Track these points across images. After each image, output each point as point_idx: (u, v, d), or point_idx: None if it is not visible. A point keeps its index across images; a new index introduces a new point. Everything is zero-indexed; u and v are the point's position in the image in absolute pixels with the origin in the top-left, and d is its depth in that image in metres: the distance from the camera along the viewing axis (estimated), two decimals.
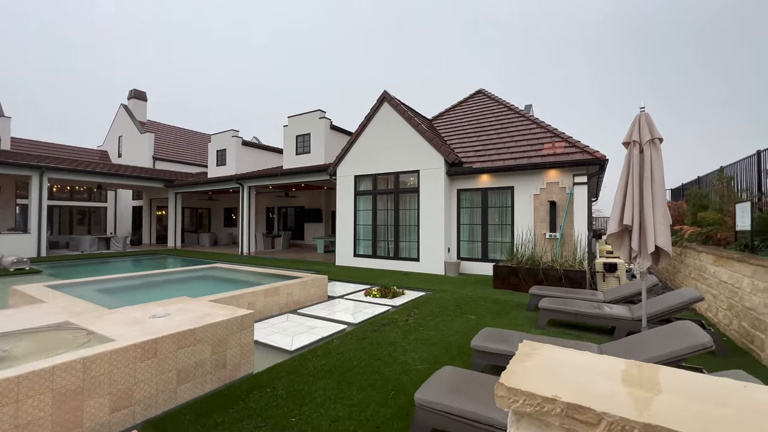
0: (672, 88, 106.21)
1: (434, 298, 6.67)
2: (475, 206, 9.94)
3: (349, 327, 5.00)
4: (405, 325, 4.98)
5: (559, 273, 6.96)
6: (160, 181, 18.27)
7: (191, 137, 26.66)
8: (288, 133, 15.65)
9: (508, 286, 7.51)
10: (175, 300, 4.00)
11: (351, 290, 7.50)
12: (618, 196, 3.70)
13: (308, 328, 4.85)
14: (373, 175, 11.02)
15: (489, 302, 6.39)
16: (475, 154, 10.38)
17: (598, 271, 7.33)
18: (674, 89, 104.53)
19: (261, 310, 5.44)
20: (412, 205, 10.39)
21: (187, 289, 6.80)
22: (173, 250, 17.40)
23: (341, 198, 11.72)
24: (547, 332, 4.72)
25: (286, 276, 7.06)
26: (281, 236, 18.24)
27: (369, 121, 11.12)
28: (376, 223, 10.99)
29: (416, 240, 10.21)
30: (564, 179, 8.71)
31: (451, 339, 4.43)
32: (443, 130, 12.59)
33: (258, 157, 18.50)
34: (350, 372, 3.44)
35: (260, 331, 4.65)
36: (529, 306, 5.89)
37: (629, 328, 4.29)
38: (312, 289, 6.47)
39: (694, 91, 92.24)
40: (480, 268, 9.70)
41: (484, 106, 13.18)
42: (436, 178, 9.84)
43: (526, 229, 9.05)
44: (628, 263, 3.75)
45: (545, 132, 10.03)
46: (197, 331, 3.01)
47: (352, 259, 11.34)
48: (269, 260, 12.90)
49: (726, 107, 73.03)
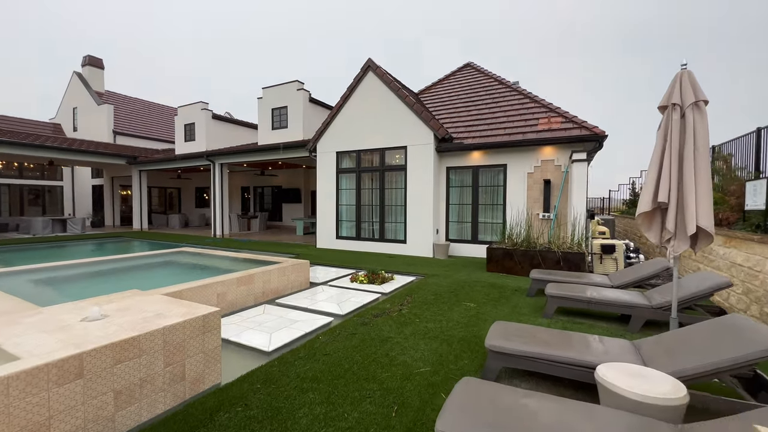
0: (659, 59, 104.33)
1: (427, 284, 6.15)
2: (466, 185, 9.41)
3: (336, 319, 4.40)
4: (399, 316, 4.42)
5: (557, 255, 6.57)
6: (122, 157, 16.73)
7: (157, 111, 24.64)
8: (263, 105, 14.44)
9: (503, 269, 7.09)
10: (120, 295, 3.25)
11: (335, 275, 6.88)
12: (652, 170, 3.19)
13: (289, 321, 4.21)
14: (357, 152, 10.24)
15: (486, 287, 5.93)
16: (466, 129, 9.77)
17: (595, 253, 7.01)
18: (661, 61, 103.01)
19: (233, 302, 4.74)
20: (398, 183, 9.74)
21: (146, 278, 5.97)
22: (139, 232, 16.14)
23: (322, 176, 10.91)
24: (556, 321, 4.29)
25: (263, 261, 6.34)
26: (258, 217, 17.27)
27: (352, 92, 10.23)
28: (360, 203, 10.30)
29: (403, 221, 9.63)
30: (560, 157, 8.27)
31: (453, 332, 3.91)
32: (430, 105, 11.86)
33: (231, 132, 17.17)
34: (341, 379, 2.85)
35: (231, 328, 3.97)
36: (530, 291, 5.46)
37: (647, 317, 3.90)
38: (292, 275, 5.80)
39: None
40: (470, 250, 9.27)
41: (474, 79, 12.49)
42: (425, 154, 9.19)
43: (518, 210, 8.63)
44: (659, 246, 3.29)
45: (540, 107, 9.50)
46: (142, 339, 2.31)
47: (335, 242, 10.67)
48: (244, 243, 12.04)
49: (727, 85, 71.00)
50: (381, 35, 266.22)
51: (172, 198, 22.62)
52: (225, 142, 16.57)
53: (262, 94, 14.45)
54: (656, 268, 4.72)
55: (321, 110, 14.20)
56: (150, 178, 19.83)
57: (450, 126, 10.19)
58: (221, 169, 14.39)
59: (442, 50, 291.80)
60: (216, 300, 4.51)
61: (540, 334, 2.93)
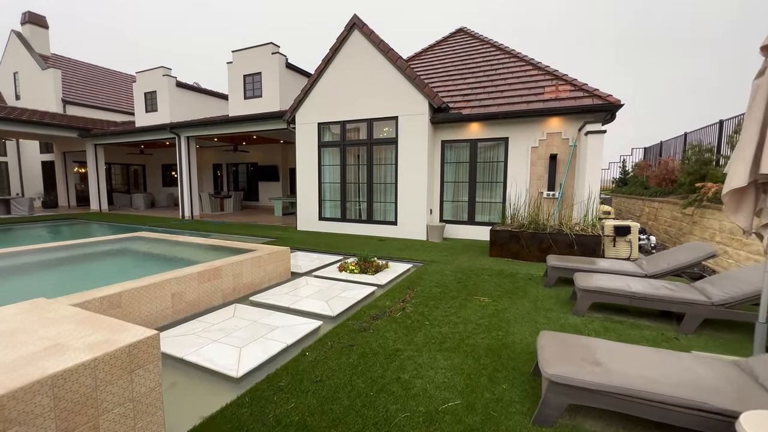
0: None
1: (428, 273, 5.35)
2: (462, 161, 8.56)
3: (326, 323, 3.54)
4: (404, 318, 3.60)
5: (570, 238, 5.89)
6: (73, 129, 14.81)
7: (114, 78, 22.21)
8: (233, 72, 12.89)
9: (508, 254, 6.38)
10: (13, 310, 2.22)
11: (320, 264, 5.97)
12: (750, 130, 2.40)
13: (265, 328, 3.31)
14: (341, 123, 9.14)
15: (495, 276, 5.20)
16: (463, 99, 8.82)
17: (607, 235, 6.39)
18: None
19: (194, 302, 3.78)
20: (388, 159, 8.77)
21: (85, 273, 4.85)
22: (97, 214, 14.53)
23: (302, 151, 9.77)
24: (592, 320, 3.58)
25: (235, 249, 5.35)
26: (231, 197, 15.93)
27: (335, 53, 9.01)
28: (345, 180, 9.30)
29: (394, 200, 8.73)
30: (568, 129, 7.50)
31: (474, 339, 3.13)
32: (422, 73, 10.78)
33: (198, 102, 15.49)
34: (341, 425, 2.00)
35: (189, 340, 3.04)
36: (548, 281, 4.75)
37: (705, 316, 3.24)
38: (270, 265, 4.85)
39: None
40: (467, 232, 8.54)
41: (469, 45, 11.43)
42: (419, 126, 8.22)
43: (521, 188, 7.89)
44: (749, 233, 2.56)
45: (544, 74, 8.64)
46: (11, 399, 1.36)
47: (317, 223, 9.70)
48: (216, 225, 10.87)
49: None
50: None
51: (138, 176, 20.74)
52: (192, 114, 14.93)
53: (232, 58, 12.88)
54: (697, 255, 4.07)
55: (300, 78, 12.83)
56: (109, 153, 17.92)
57: (445, 95, 9.21)
58: (188, 143, 12.90)
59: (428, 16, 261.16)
60: (171, 302, 3.54)
61: (617, 354, 2.16)
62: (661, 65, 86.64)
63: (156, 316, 3.41)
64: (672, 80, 79.51)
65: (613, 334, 3.29)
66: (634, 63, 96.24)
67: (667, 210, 8.09)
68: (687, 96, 74.58)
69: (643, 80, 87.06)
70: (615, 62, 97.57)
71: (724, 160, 7.04)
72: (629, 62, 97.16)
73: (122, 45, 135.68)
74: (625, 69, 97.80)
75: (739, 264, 4.93)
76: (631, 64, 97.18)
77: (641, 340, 3.16)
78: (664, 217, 8.17)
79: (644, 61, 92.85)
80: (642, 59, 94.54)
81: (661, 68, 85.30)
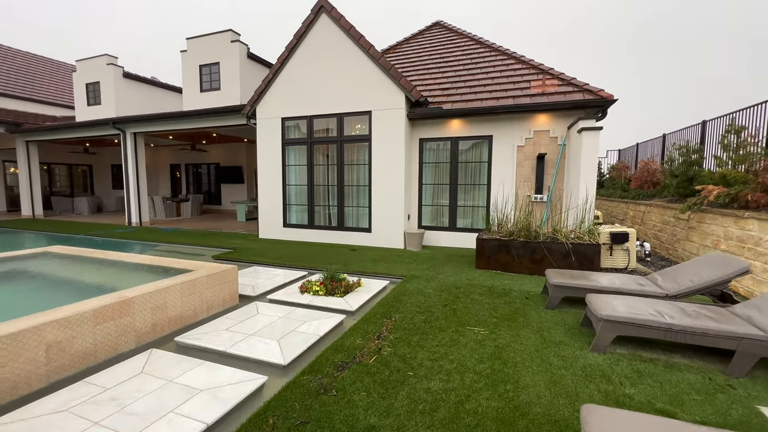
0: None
1: (408, 292, 4.48)
2: (442, 161, 7.78)
3: (274, 377, 2.58)
4: (379, 365, 2.70)
5: (566, 247, 5.22)
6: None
7: (56, 69, 19.98)
8: (188, 61, 11.54)
9: (497, 266, 5.63)
10: None
11: (279, 282, 4.97)
12: None
13: (183, 394, 2.30)
14: (308, 118, 8.14)
15: (486, 295, 4.40)
16: (443, 93, 8.06)
17: (603, 243, 5.78)
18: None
19: (86, 353, 2.70)
20: (361, 158, 7.86)
21: None
22: (28, 220, 12.66)
23: (264, 149, 8.68)
24: (617, 359, 2.83)
25: (170, 268, 4.25)
26: (189, 200, 14.45)
27: (300, 40, 8.01)
28: (313, 182, 8.29)
29: (367, 205, 7.83)
30: (556, 127, 6.90)
31: (478, 402, 2.28)
32: (397, 66, 9.96)
33: (150, 96, 13.93)
34: None
35: (47, 426, 1.98)
36: (550, 302, 4.00)
37: (762, 354, 2.56)
38: (209, 290, 3.81)
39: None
40: (448, 239, 7.76)
41: (446, 39, 10.73)
42: (394, 122, 7.37)
43: (507, 191, 7.21)
44: None
45: (529, 68, 8.03)
46: None
47: (282, 231, 8.62)
48: (165, 233, 9.53)
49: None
50: None
51: (84, 177, 18.65)
52: (142, 109, 13.37)
53: (187, 46, 11.55)
54: (726, 271, 3.44)
55: (264, 70, 11.68)
56: (48, 152, 15.94)
57: (423, 89, 8.42)
58: (134, 140, 11.40)
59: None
60: (45, 357, 2.46)
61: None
62: (637, 66, 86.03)
63: (14, 382, 2.32)
64: (648, 81, 78.36)
65: (650, 381, 2.55)
66: (607, 61, 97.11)
67: (655, 213, 7.67)
68: (658, 99, 72.91)
69: (613, 81, 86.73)
70: (593, 60, 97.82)
71: (717, 161, 6.65)
72: (604, 60, 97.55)
73: (78, 35, 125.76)
74: (600, 68, 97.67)
75: (757, 277, 4.39)
76: (605, 62, 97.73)
77: (688, 390, 2.43)
78: (653, 221, 7.75)
79: (619, 61, 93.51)
80: (616, 59, 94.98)
81: (635, 69, 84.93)
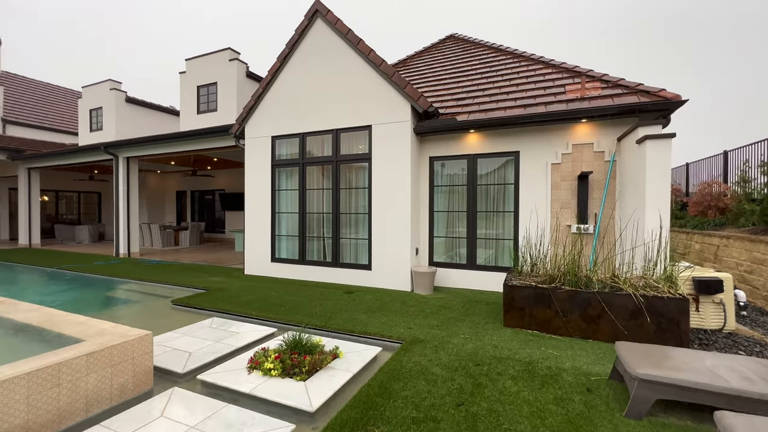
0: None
1: (404, 374, 3.01)
2: (458, 183, 6.42)
3: None
4: None
5: (635, 301, 3.64)
6: (2, 151, 12.60)
7: (64, 96, 20.31)
8: (186, 83, 10.96)
9: (533, 324, 4.09)
10: None
11: (230, 347, 3.61)
12: None
13: None
14: (300, 135, 7.04)
15: (522, 379, 2.88)
16: (458, 103, 6.82)
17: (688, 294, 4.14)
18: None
19: None
20: (360, 181, 6.61)
21: None
22: (20, 250, 12.02)
23: (252, 172, 7.60)
24: None
25: (59, 334, 2.99)
26: (188, 229, 13.56)
27: (293, 49, 7.06)
28: (304, 209, 7.07)
29: (367, 236, 6.48)
30: (602, 139, 5.45)
31: None
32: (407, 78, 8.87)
33: (151, 120, 13.47)
34: None
35: None
36: (632, 408, 2.44)
37: None
38: (91, 377, 2.49)
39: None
40: (466, 279, 6.25)
41: (462, 50, 9.65)
42: (399, 137, 6.13)
43: (539, 219, 5.72)
44: None
45: (561, 71, 6.72)
46: None
47: (270, 266, 7.35)
48: (147, 266, 8.46)
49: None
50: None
51: (91, 205, 18.34)
52: (142, 134, 12.84)
53: (186, 67, 10.99)
54: None
55: None
56: (55, 179, 15.67)
57: (434, 100, 7.22)
58: (127, 165, 10.69)
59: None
60: None
61: None
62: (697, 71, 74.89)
63: None
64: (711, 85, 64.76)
65: None
66: (652, 62, 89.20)
67: (736, 248, 5.93)
68: (724, 105, 60.57)
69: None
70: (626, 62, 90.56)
71: None
72: (647, 62, 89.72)
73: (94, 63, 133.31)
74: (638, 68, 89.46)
75: None
76: (650, 63, 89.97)
77: None
78: (734, 258, 5.99)
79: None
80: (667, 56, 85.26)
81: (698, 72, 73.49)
